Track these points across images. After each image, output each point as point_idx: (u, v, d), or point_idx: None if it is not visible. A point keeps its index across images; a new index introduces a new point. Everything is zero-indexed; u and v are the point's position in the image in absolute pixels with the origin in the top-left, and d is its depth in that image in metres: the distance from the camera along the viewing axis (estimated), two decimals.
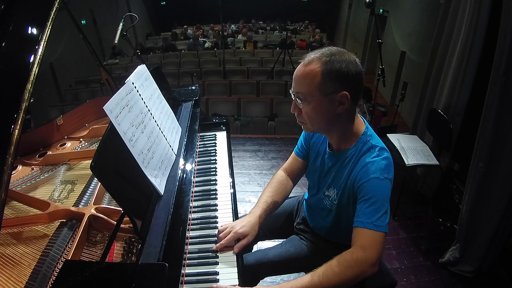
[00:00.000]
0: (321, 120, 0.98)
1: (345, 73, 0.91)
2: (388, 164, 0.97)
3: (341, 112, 0.95)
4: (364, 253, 0.90)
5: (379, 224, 0.92)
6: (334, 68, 0.90)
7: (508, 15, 1.60)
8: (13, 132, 0.82)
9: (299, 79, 0.95)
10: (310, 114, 0.97)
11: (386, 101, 5.85)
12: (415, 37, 4.76)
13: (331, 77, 0.91)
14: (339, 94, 0.92)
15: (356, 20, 9.25)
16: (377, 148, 1.00)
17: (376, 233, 0.91)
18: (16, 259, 0.97)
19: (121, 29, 2.73)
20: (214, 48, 8.46)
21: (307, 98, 0.94)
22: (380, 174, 0.94)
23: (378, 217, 0.92)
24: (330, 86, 0.91)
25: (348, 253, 0.92)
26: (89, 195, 1.23)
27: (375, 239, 0.92)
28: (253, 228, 1.10)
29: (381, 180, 0.94)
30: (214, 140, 1.69)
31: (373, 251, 0.91)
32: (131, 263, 0.94)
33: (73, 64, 6.44)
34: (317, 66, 0.91)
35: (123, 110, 1.02)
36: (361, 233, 0.93)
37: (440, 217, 2.48)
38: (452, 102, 2.36)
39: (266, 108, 4.79)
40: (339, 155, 1.06)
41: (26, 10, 1.04)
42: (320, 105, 0.94)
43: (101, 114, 1.80)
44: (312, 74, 0.92)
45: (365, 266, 0.90)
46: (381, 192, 0.94)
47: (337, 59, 0.91)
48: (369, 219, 0.92)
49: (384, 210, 0.93)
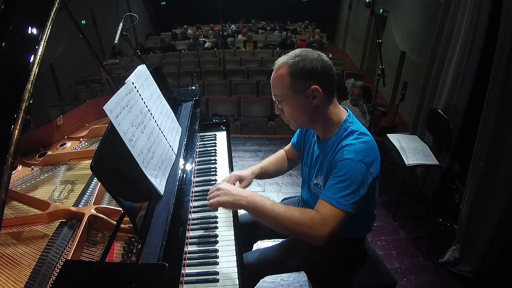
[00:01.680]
0: (301, 116, 1.06)
1: (310, 69, 0.99)
2: (366, 148, 1.00)
3: (317, 105, 1.03)
4: (321, 222, 0.95)
5: (341, 202, 0.96)
6: (298, 67, 0.99)
7: (508, 15, 1.60)
8: (13, 132, 0.82)
9: (273, 84, 1.06)
10: (290, 112, 1.06)
11: (386, 101, 5.85)
12: (415, 37, 4.76)
13: (298, 76, 1.00)
14: (309, 89, 1.00)
15: (356, 20, 9.25)
16: (357, 133, 1.04)
17: (336, 209, 0.95)
18: (16, 259, 0.97)
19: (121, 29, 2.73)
20: (214, 48, 8.46)
21: (283, 98, 1.04)
22: (354, 155, 0.98)
23: (343, 195, 0.96)
24: (300, 84, 1.00)
25: (312, 214, 0.97)
26: (89, 195, 1.23)
27: (333, 215, 0.95)
28: (248, 175, 1.26)
29: (354, 162, 0.97)
30: (214, 140, 1.69)
31: (328, 225, 0.95)
32: (131, 263, 0.94)
33: (73, 64, 6.44)
34: (285, 69, 1.01)
35: (123, 110, 1.02)
36: (324, 205, 0.97)
37: (440, 217, 2.48)
38: (452, 102, 2.36)
39: (266, 108, 4.79)
40: (324, 143, 1.12)
41: (26, 10, 1.04)
42: (296, 103, 1.03)
43: (101, 114, 1.80)
44: (282, 77, 1.02)
45: (314, 233, 0.95)
46: (351, 173, 0.97)
47: (300, 59, 1.00)
48: (333, 195, 0.97)
49: (351, 190, 0.96)
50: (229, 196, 1.00)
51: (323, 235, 0.94)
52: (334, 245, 1.25)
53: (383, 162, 1.09)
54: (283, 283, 1.92)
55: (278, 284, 1.91)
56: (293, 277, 1.95)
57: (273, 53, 7.68)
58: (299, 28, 11.33)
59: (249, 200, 0.99)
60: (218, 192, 1.02)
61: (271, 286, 1.90)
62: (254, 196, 1.00)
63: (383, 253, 2.15)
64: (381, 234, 2.32)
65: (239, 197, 0.99)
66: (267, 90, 5.42)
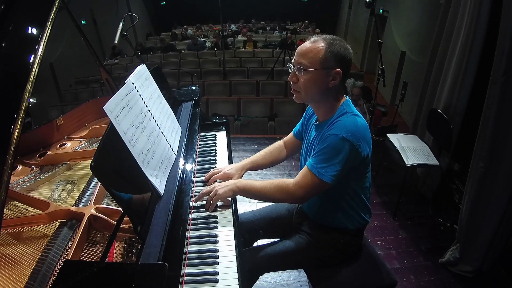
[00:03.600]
0: (315, 90, 1.12)
1: (343, 55, 1.10)
2: (353, 126, 1.07)
3: (332, 87, 1.11)
4: (295, 188, 1.13)
5: (321, 172, 1.07)
6: (335, 49, 1.08)
7: (508, 15, 1.60)
8: (13, 132, 0.82)
9: (304, 52, 1.11)
10: (307, 83, 1.11)
11: (386, 101, 5.85)
12: (415, 37, 4.76)
13: (332, 55, 1.08)
14: (334, 70, 1.09)
15: (356, 20, 9.25)
16: (350, 114, 1.12)
17: (315, 177, 1.08)
18: (16, 259, 0.97)
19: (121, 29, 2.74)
20: (214, 48, 8.46)
21: (308, 68, 1.09)
22: (339, 132, 1.06)
23: (323, 166, 1.07)
24: (330, 62, 1.08)
25: (287, 181, 1.16)
26: (89, 195, 1.23)
27: (311, 181, 1.10)
28: (237, 172, 1.35)
29: (338, 138, 1.05)
30: (214, 140, 1.69)
31: (303, 190, 1.12)
32: (131, 263, 0.94)
33: (73, 64, 6.43)
34: (322, 44, 1.09)
35: (123, 110, 1.02)
36: (304, 172, 1.13)
37: (440, 217, 2.48)
38: (452, 102, 2.36)
39: (266, 108, 4.78)
40: (322, 124, 1.18)
41: (26, 10, 1.04)
42: (317, 76, 1.09)
43: (101, 114, 1.80)
44: (317, 49, 1.08)
45: (290, 197, 1.15)
46: (333, 147, 1.06)
47: (338, 43, 1.10)
48: (316, 164, 1.09)
49: (331, 163, 1.06)
50: (226, 187, 1.19)
51: (297, 198, 1.14)
52: (333, 239, 1.26)
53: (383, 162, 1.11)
54: (283, 283, 1.92)
55: (278, 284, 1.91)
56: (293, 277, 1.95)
57: (273, 53, 7.67)
58: (299, 28, 11.32)
59: (239, 185, 1.21)
60: (215, 188, 1.19)
61: (271, 286, 1.90)
62: (241, 181, 1.24)
63: (383, 253, 2.15)
64: (381, 234, 2.32)
65: (232, 185, 1.20)
66: (267, 90, 5.43)
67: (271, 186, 1.17)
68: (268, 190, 1.17)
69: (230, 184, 1.20)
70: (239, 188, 1.20)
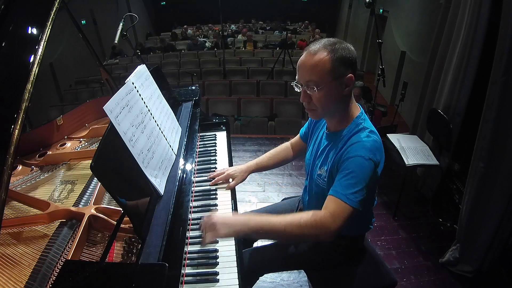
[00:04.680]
0: (331, 103, 1.04)
1: (349, 58, 1.00)
2: (376, 146, 1.01)
3: (347, 93, 1.04)
4: (331, 219, 0.95)
5: (351, 198, 0.96)
6: (340, 54, 0.99)
7: (508, 15, 1.60)
8: (13, 132, 0.82)
9: (310, 68, 1.01)
10: (322, 99, 1.02)
11: (386, 101, 5.85)
12: (415, 37, 4.76)
13: (339, 62, 0.99)
14: (346, 77, 1.01)
15: (356, 20, 9.25)
16: (368, 130, 1.05)
17: (347, 205, 0.96)
18: (16, 259, 0.97)
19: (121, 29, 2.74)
20: (214, 48, 8.46)
21: (319, 84, 1.00)
22: (365, 153, 0.98)
23: (353, 192, 0.96)
24: (340, 70, 1.00)
25: (318, 213, 0.97)
26: (89, 195, 1.23)
27: (343, 211, 0.96)
28: (241, 173, 1.33)
29: (365, 160, 0.98)
30: (214, 140, 1.69)
31: (339, 221, 0.95)
32: (131, 263, 0.94)
33: (73, 64, 6.44)
34: (325, 54, 0.99)
35: (123, 110, 1.02)
36: (333, 201, 0.98)
37: (440, 217, 2.48)
38: (452, 102, 2.36)
39: (266, 108, 4.78)
40: (334, 134, 1.12)
41: (26, 10, 1.04)
42: (331, 89, 1.01)
43: (101, 114, 1.80)
44: (322, 61, 0.99)
45: (325, 231, 0.95)
46: (361, 170, 0.98)
47: (340, 47, 1.00)
48: (344, 191, 0.97)
49: (360, 187, 0.97)
50: (229, 227, 0.96)
51: (333, 231, 0.95)
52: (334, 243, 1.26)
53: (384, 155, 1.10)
54: (283, 283, 1.92)
55: (278, 284, 1.91)
56: (293, 277, 1.95)
57: (273, 53, 7.67)
58: (299, 28, 11.32)
59: (251, 225, 0.96)
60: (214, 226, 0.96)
61: (271, 286, 1.90)
62: (253, 218, 0.99)
63: (383, 253, 2.15)
64: (381, 234, 2.32)
65: (239, 226, 0.97)
66: (267, 90, 5.42)
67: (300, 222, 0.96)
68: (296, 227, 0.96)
69: (235, 224, 0.98)
70: (250, 229, 0.97)
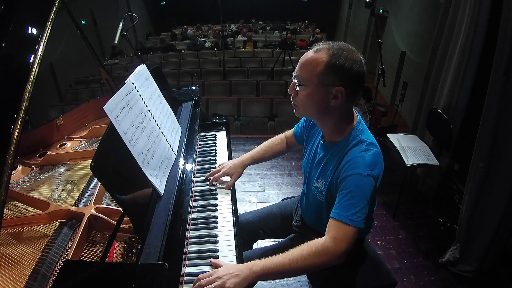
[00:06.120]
0: (312, 107, 1.01)
1: (347, 70, 0.94)
2: (374, 160, 0.98)
3: (334, 105, 0.98)
4: (334, 244, 0.94)
5: (354, 219, 0.94)
6: (338, 62, 0.93)
7: (508, 15, 1.60)
8: (13, 132, 0.82)
9: (303, 64, 0.98)
10: (303, 99, 1.00)
11: (386, 101, 5.85)
12: (415, 37, 4.76)
13: (333, 70, 0.94)
14: (335, 88, 0.95)
15: (356, 20, 9.25)
16: (366, 143, 1.01)
17: (350, 227, 0.94)
18: (16, 259, 0.97)
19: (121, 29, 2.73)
20: (214, 48, 8.46)
21: (305, 83, 0.98)
22: (363, 170, 0.96)
23: (354, 212, 0.94)
24: (329, 78, 0.95)
25: (319, 241, 0.96)
26: (89, 195, 1.23)
27: (347, 233, 0.95)
28: (236, 170, 1.33)
29: (363, 177, 0.95)
30: (214, 140, 1.69)
31: (343, 243, 0.94)
32: (131, 263, 0.94)
33: (73, 64, 6.43)
34: (324, 56, 0.95)
35: (123, 110, 1.02)
36: (335, 225, 0.96)
37: (440, 217, 2.48)
38: (452, 102, 2.36)
39: (266, 108, 4.79)
40: (330, 146, 1.09)
41: (26, 10, 1.04)
42: (315, 93, 0.97)
43: (101, 114, 1.80)
44: (316, 62, 0.95)
45: (332, 256, 0.94)
46: (361, 189, 0.96)
47: (344, 55, 0.94)
48: (345, 212, 0.95)
49: (361, 206, 0.95)
50: (236, 278, 0.90)
51: (340, 254, 0.94)
52: None
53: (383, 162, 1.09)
54: (283, 283, 1.92)
55: (278, 284, 1.91)
56: (293, 277, 1.95)
57: (273, 53, 7.67)
58: (299, 28, 11.33)
59: (256, 270, 0.93)
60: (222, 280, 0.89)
61: (271, 286, 1.90)
62: (256, 263, 0.95)
63: (383, 253, 2.15)
64: (381, 234, 2.32)
65: (246, 275, 0.92)
66: (267, 90, 5.43)
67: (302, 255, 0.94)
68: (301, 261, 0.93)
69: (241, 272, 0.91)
70: (257, 274, 0.93)
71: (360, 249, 1.32)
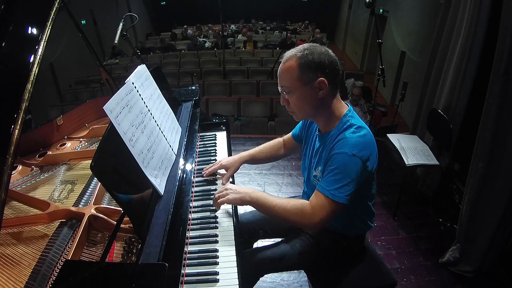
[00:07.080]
0: (306, 107, 1.10)
1: (318, 62, 1.04)
2: (362, 141, 1.04)
3: (322, 97, 1.07)
4: (312, 211, 1.04)
5: (335, 194, 1.02)
6: (307, 60, 1.04)
7: (508, 15, 1.60)
8: (13, 132, 0.82)
9: (281, 75, 1.10)
10: (297, 103, 1.10)
11: (386, 101, 5.86)
12: (415, 37, 4.76)
13: (307, 68, 1.04)
14: (316, 81, 1.04)
15: (356, 20, 9.25)
16: (355, 126, 1.08)
17: (330, 200, 1.02)
18: (16, 259, 0.97)
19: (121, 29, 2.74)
20: (214, 48, 8.46)
21: (291, 89, 1.08)
22: (349, 150, 1.02)
23: (336, 188, 1.02)
24: (308, 75, 1.04)
25: (303, 203, 1.07)
26: (89, 195, 1.23)
27: (325, 205, 1.03)
28: (233, 164, 1.37)
29: (348, 156, 1.02)
30: (214, 140, 1.69)
31: (319, 213, 1.03)
32: (131, 263, 0.94)
33: (73, 64, 6.44)
34: (294, 61, 1.05)
35: (123, 110, 1.02)
36: (318, 195, 1.05)
37: (440, 217, 2.48)
38: (452, 102, 2.36)
39: (266, 108, 4.79)
40: (325, 136, 1.15)
41: (26, 10, 1.04)
42: (303, 94, 1.07)
43: (101, 114, 1.80)
44: (291, 69, 1.06)
45: (306, 221, 1.05)
46: (345, 167, 1.02)
47: (309, 52, 1.05)
48: (328, 186, 1.03)
49: (344, 183, 1.02)
50: (237, 194, 1.13)
51: (313, 223, 1.04)
52: (334, 242, 1.26)
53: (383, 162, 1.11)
54: (283, 283, 1.92)
55: (278, 284, 1.91)
56: (293, 277, 1.95)
57: (273, 53, 7.66)
58: (299, 28, 11.31)
59: (252, 196, 1.12)
60: (227, 191, 1.14)
61: (271, 286, 1.90)
62: (256, 192, 1.14)
63: (383, 253, 2.15)
64: (381, 234, 2.32)
65: (244, 194, 1.13)
66: (267, 90, 5.42)
67: (287, 205, 1.08)
68: (282, 209, 1.08)
69: (242, 192, 1.14)
70: (251, 199, 1.12)
71: (361, 248, 1.33)
